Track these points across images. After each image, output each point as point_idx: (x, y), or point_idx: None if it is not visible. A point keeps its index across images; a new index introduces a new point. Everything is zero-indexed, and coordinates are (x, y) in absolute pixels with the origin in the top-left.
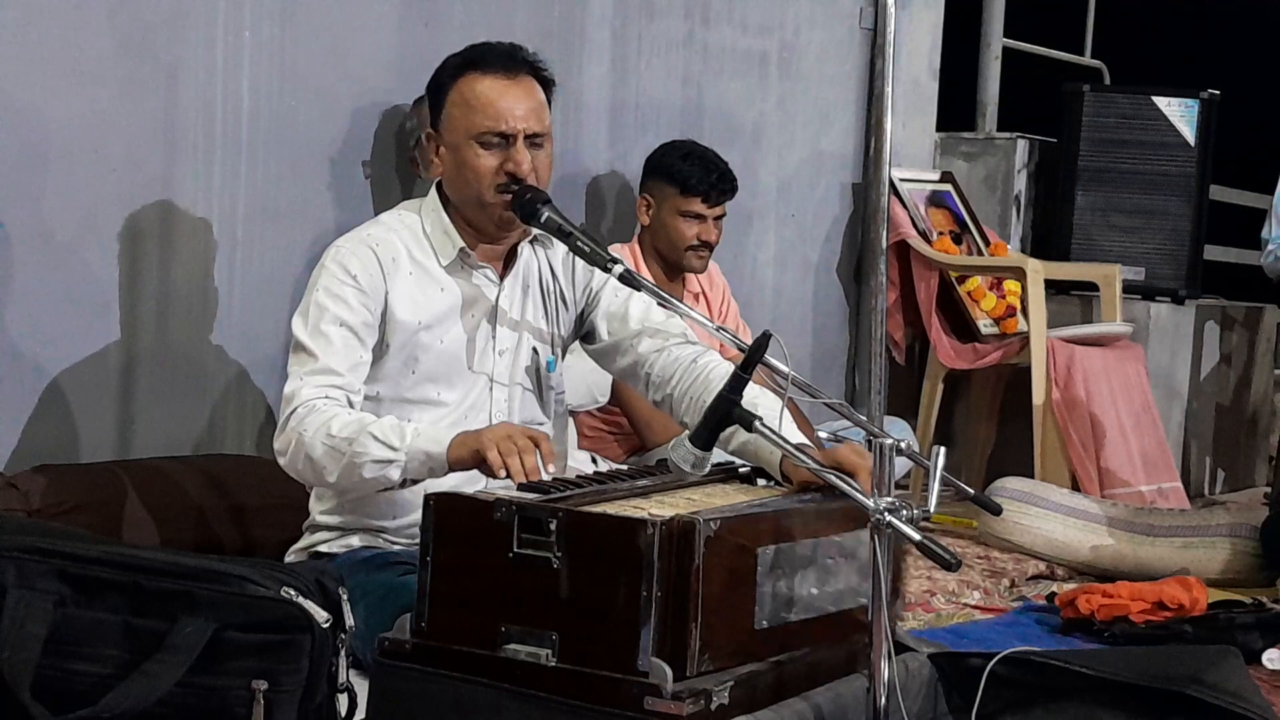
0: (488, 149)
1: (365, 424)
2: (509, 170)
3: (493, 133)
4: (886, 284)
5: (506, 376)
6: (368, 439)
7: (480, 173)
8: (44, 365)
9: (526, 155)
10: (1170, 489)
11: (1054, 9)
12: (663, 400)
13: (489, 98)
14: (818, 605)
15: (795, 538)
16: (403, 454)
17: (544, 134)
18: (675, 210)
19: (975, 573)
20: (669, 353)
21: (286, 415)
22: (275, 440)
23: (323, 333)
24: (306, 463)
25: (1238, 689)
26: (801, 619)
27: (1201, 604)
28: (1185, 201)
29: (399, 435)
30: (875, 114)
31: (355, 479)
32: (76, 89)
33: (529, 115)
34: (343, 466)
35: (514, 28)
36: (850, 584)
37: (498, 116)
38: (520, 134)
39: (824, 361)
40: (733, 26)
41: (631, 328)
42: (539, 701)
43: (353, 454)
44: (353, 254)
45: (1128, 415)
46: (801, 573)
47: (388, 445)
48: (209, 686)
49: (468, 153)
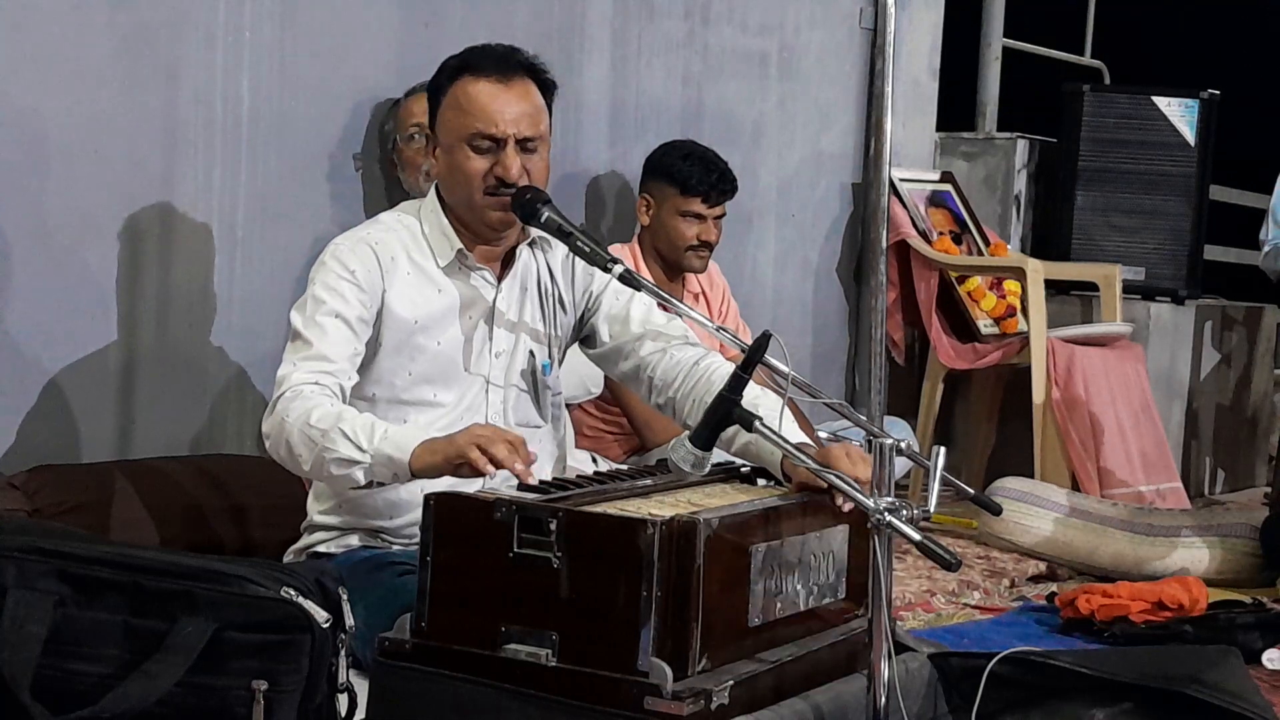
0: (478, 152)
1: (340, 419)
2: (498, 174)
3: (483, 135)
4: (886, 284)
5: (503, 378)
6: (338, 435)
7: (469, 175)
8: (44, 365)
9: (516, 160)
10: (1169, 489)
11: (1054, 9)
12: (665, 403)
13: (481, 101)
14: (803, 600)
15: (783, 534)
16: (368, 456)
17: (537, 138)
18: (675, 210)
19: (975, 573)
20: (670, 355)
21: (275, 399)
22: (263, 422)
23: (318, 323)
24: (286, 448)
25: (1238, 689)
26: (787, 614)
27: (1201, 604)
28: (1185, 201)
29: (368, 436)
30: (875, 114)
31: (325, 474)
32: (76, 89)
33: (521, 119)
34: (314, 458)
35: (514, 28)
36: (831, 578)
37: (488, 120)
38: (511, 138)
39: (824, 361)
40: (733, 26)
41: (633, 330)
42: (539, 701)
43: (323, 448)
44: (351, 251)
45: (1127, 415)
46: (788, 568)
47: (356, 445)
48: (209, 686)
49: (459, 155)
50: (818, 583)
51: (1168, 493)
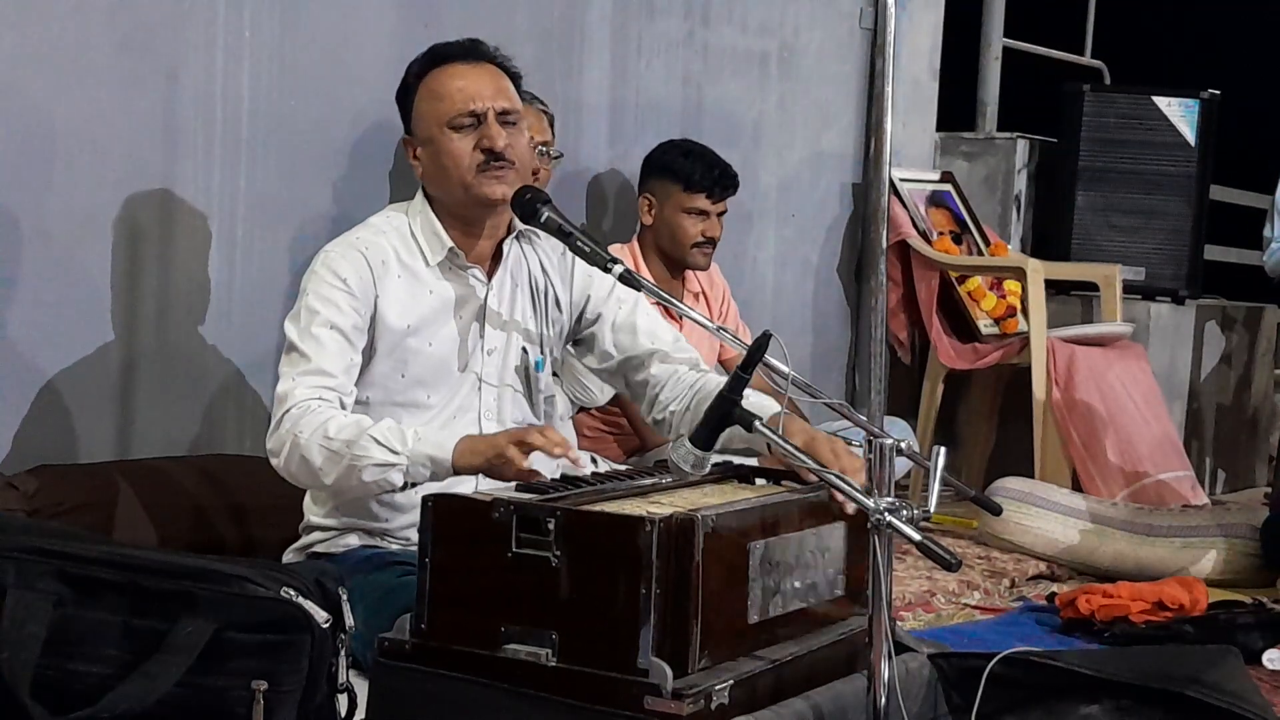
0: (460, 131)
1: (364, 427)
2: (484, 147)
3: (463, 113)
4: (887, 284)
5: (496, 377)
6: (369, 442)
7: (457, 156)
8: (43, 365)
9: (500, 130)
10: (1184, 477)
11: (1054, 9)
12: (663, 420)
13: (455, 84)
14: (801, 596)
15: (780, 531)
16: (404, 458)
17: (515, 111)
18: (679, 207)
19: (975, 573)
20: (678, 376)
21: (280, 416)
22: (268, 440)
23: (314, 335)
24: (302, 464)
25: (1238, 689)
26: (786, 611)
27: (1201, 604)
28: (1185, 201)
29: (400, 439)
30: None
31: (354, 482)
32: (77, 88)
33: (497, 94)
34: (342, 469)
35: (514, 28)
36: (829, 575)
37: (465, 98)
38: (490, 110)
39: (824, 361)
40: (733, 26)
41: (642, 344)
42: (539, 701)
43: (353, 457)
44: (342, 258)
45: (1133, 412)
46: (786, 565)
47: (389, 449)
48: (209, 686)
49: (443, 141)
50: (816, 580)
51: (1184, 481)
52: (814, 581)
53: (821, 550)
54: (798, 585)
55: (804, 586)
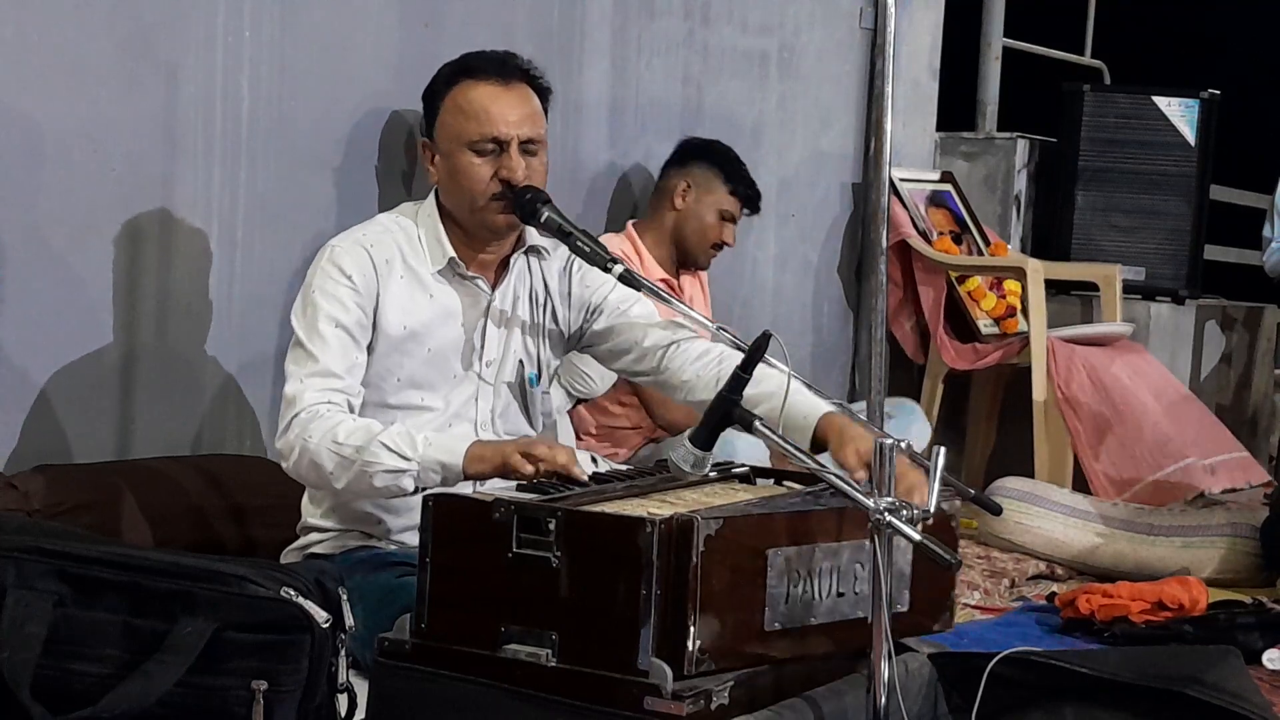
0: (481, 155)
1: (374, 432)
2: (503, 177)
3: (487, 139)
4: (887, 284)
5: (492, 386)
6: (379, 448)
7: (474, 180)
8: (43, 365)
9: (520, 162)
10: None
11: (1054, 9)
12: (680, 385)
13: (482, 104)
14: (837, 610)
15: (812, 541)
16: (416, 464)
17: (538, 140)
18: (716, 205)
19: (975, 573)
20: (680, 347)
21: (289, 419)
22: (277, 442)
23: (320, 333)
24: (312, 468)
25: (1238, 689)
26: (820, 623)
27: (1201, 604)
28: (1185, 201)
29: (410, 444)
30: (875, 114)
31: (365, 487)
32: (76, 89)
33: (523, 121)
34: (352, 475)
35: (514, 28)
36: (868, 591)
37: (491, 122)
38: (514, 140)
39: (824, 361)
40: (733, 26)
41: (639, 322)
42: (539, 701)
43: (363, 463)
44: (347, 253)
45: (1144, 408)
46: (818, 577)
47: (399, 455)
48: (209, 686)
49: (462, 160)
50: (859, 593)
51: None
52: (857, 596)
53: (865, 562)
54: (834, 598)
55: (845, 599)
